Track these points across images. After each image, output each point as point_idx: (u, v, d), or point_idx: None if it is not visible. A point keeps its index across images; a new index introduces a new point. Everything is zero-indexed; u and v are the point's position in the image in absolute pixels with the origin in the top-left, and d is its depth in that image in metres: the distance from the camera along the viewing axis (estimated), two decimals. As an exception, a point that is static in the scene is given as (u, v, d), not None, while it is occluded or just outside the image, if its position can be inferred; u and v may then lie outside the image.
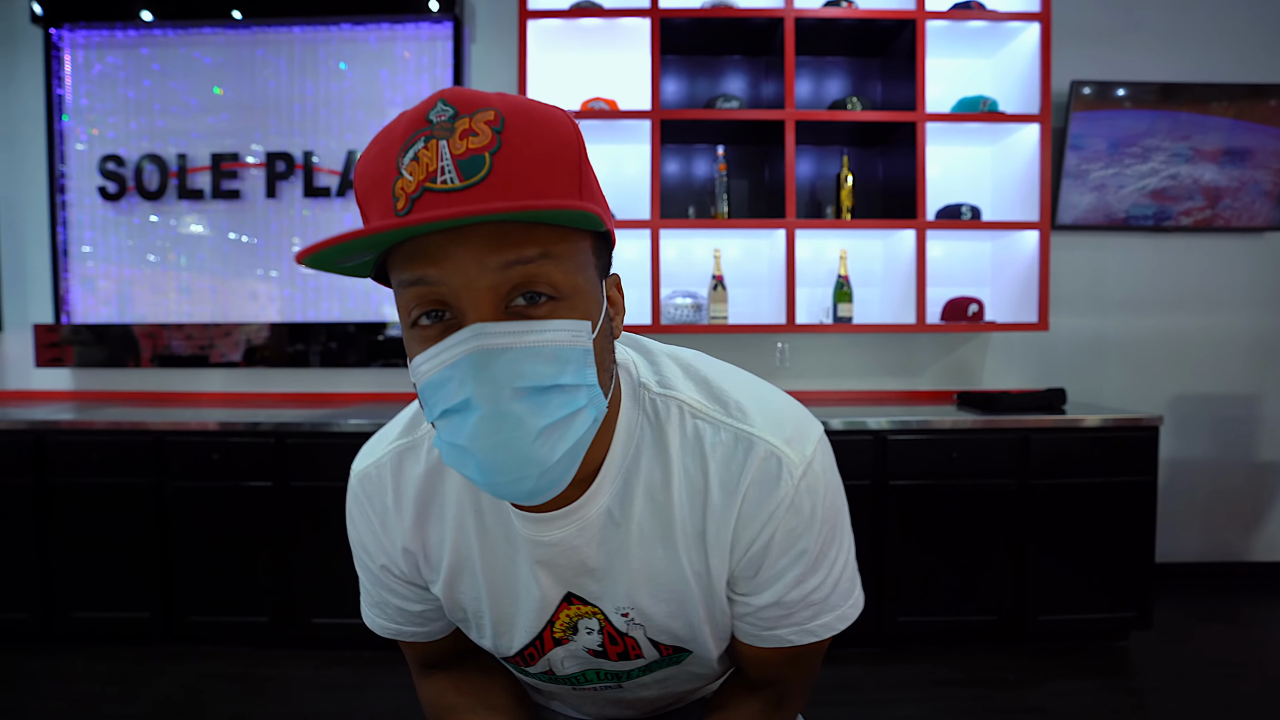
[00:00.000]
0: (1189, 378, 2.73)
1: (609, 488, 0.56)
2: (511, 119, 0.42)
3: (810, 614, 0.57)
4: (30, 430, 2.16)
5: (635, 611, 0.59)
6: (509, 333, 0.42)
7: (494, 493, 0.47)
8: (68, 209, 2.67)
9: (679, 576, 0.57)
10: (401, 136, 0.43)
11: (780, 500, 0.53)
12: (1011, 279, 2.55)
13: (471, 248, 0.41)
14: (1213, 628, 2.35)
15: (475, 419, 0.43)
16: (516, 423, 0.43)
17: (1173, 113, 2.56)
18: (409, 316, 0.45)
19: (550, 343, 0.43)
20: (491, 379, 0.42)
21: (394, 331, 2.62)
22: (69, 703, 1.91)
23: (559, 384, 0.44)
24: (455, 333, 0.43)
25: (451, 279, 0.42)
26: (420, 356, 0.45)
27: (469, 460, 0.45)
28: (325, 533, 2.14)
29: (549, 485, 0.47)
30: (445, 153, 0.41)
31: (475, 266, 0.42)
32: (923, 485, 2.12)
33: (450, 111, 0.42)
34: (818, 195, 2.66)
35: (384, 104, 2.64)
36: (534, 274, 0.43)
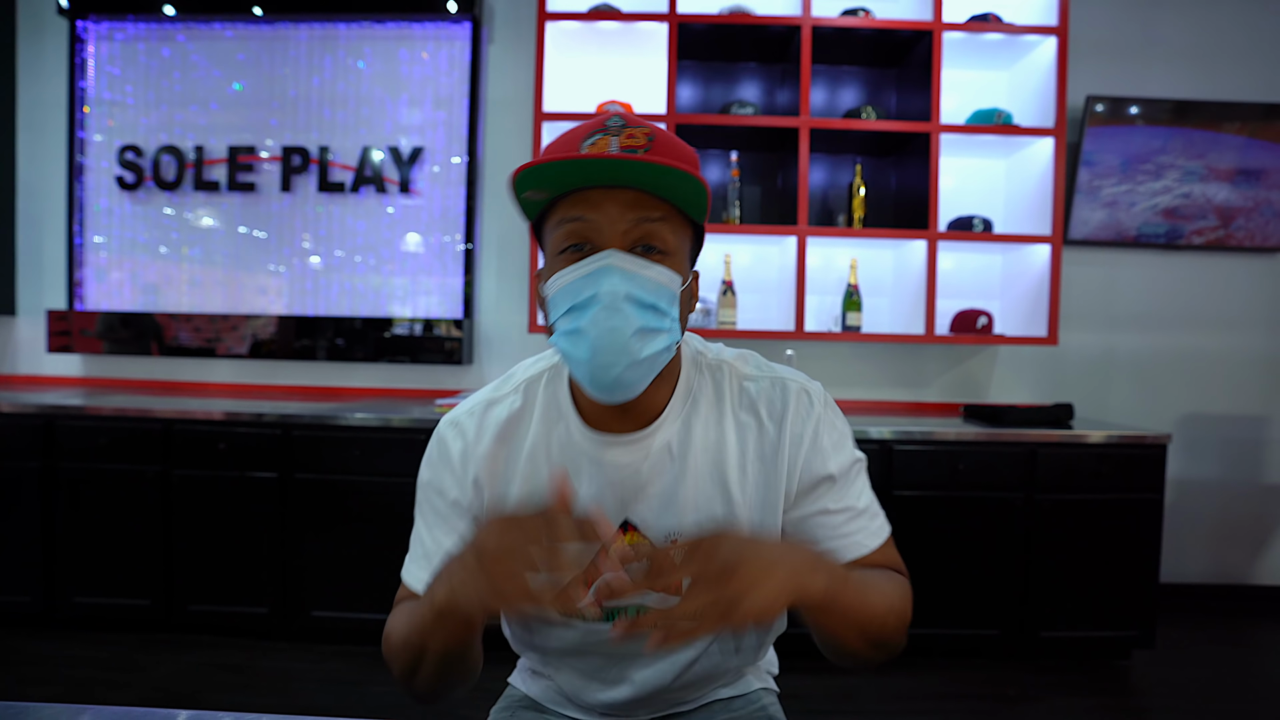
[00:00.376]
0: (1198, 397, 2.71)
1: (670, 426, 0.70)
2: (659, 136, 0.62)
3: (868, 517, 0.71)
4: (40, 414, 2.17)
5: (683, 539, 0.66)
6: (632, 260, 0.61)
7: (591, 376, 0.62)
8: (85, 197, 2.70)
9: (728, 510, 0.69)
10: (585, 131, 0.62)
11: (817, 418, 0.70)
12: (1022, 293, 2.54)
13: (617, 203, 0.60)
14: (1215, 649, 2.33)
15: (597, 309, 0.60)
16: (624, 318, 0.60)
17: (1186, 130, 2.55)
18: (559, 247, 0.62)
19: (654, 277, 0.61)
20: (613, 285, 0.59)
21: (400, 330, 2.62)
22: (68, 688, 1.91)
23: (655, 305, 0.61)
24: (592, 257, 0.60)
25: (600, 219, 0.60)
26: (562, 271, 0.62)
27: (583, 342, 0.61)
28: (329, 526, 2.15)
29: (632, 380, 0.62)
30: (614, 144, 0.60)
31: (618, 214, 0.60)
32: (928, 497, 2.11)
33: (621, 122, 0.62)
34: (830, 203, 2.66)
35: (400, 102, 2.66)
36: (654, 231, 0.61)
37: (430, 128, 2.67)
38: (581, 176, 0.59)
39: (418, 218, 2.68)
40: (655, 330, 0.61)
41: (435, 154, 2.67)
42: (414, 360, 2.62)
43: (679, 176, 0.58)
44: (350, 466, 2.14)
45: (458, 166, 2.66)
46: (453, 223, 2.68)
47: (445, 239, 2.68)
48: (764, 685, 0.87)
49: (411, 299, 2.69)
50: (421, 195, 2.67)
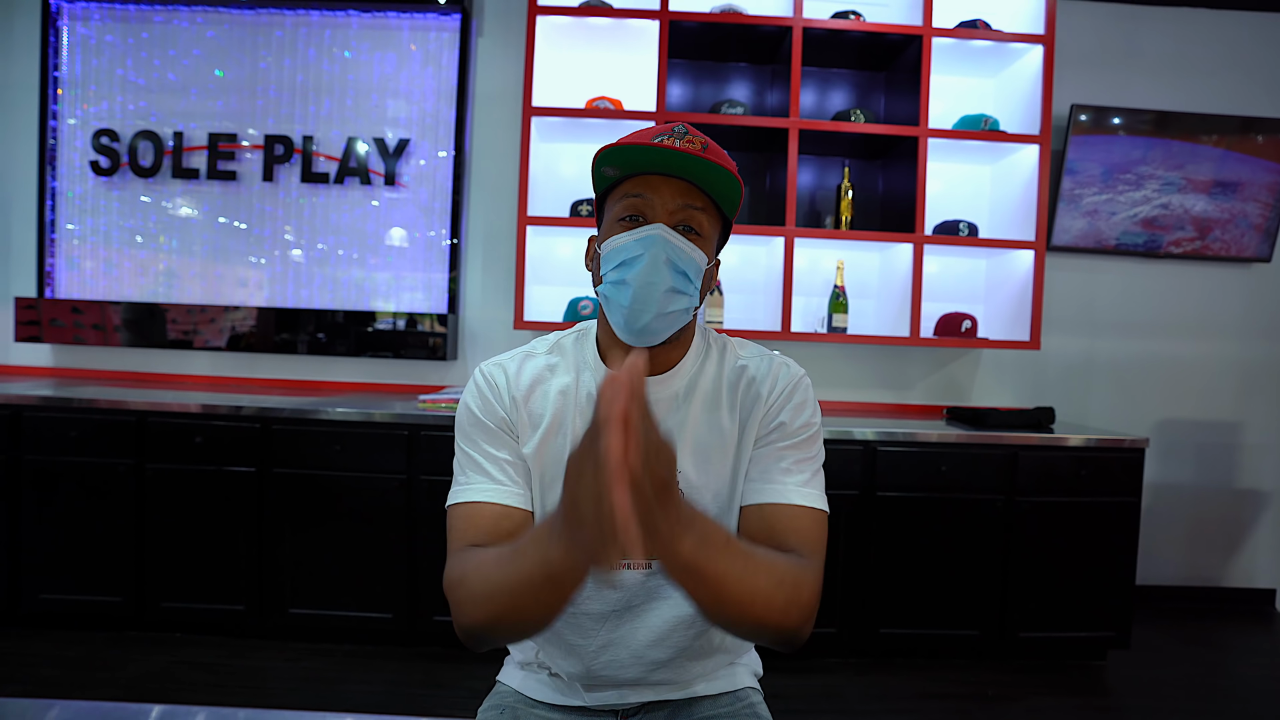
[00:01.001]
0: (1175, 402, 2.77)
1: (682, 378, 0.83)
2: (711, 146, 0.77)
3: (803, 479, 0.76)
4: (6, 405, 2.10)
5: (682, 476, 0.78)
6: (674, 235, 0.75)
7: (626, 319, 0.75)
8: (58, 182, 2.62)
9: (719, 443, 0.80)
10: (655, 131, 0.76)
11: (791, 380, 0.82)
12: (1005, 297, 2.57)
13: (672, 189, 0.74)
14: (1188, 650, 2.37)
15: (642, 265, 0.74)
16: (661, 275, 0.74)
17: (1166, 141, 2.60)
18: (619, 215, 0.76)
19: (688, 250, 0.75)
20: (657, 250, 0.74)
21: (383, 324, 2.58)
22: (34, 687, 1.85)
23: (685, 272, 0.75)
24: (645, 226, 0.75)
25: (655, 200, 0.75)
26: (619, 235, 0.76)
27: (625, 291, 0.75)
28: (308, 521, 2.11)
29: (658, 329, 0.76)
30: (678, 144, 0.74)
31: (670, 198, 0.75)
32: (910, 498, 2.12)
33: (684, 131, 0.76)
34: (818, 205, 2.67)
35: (386, 93, 2.62)
36: (694, 216, 0.76)
37: (417, 120, 2.63)
38: (648, 162, 0.73)
39: (403, 211, 2.64)
40: (681, 292, 0.75)
41: (422, 147, 2.63)
42: (397, 355, 2.59)
43: (723, 175, 0.73)
44: (331, 461, 2.10)
45: (444, 160, 2.63)
46: (438, 217, 2.64)
47: (430, 233, 2.65)
48: (750, 685, 0.90)
49: (395, 293, 2.66)
50: (407, 188, 2.63)
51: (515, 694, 0.87)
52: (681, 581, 0.58)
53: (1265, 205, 2.66)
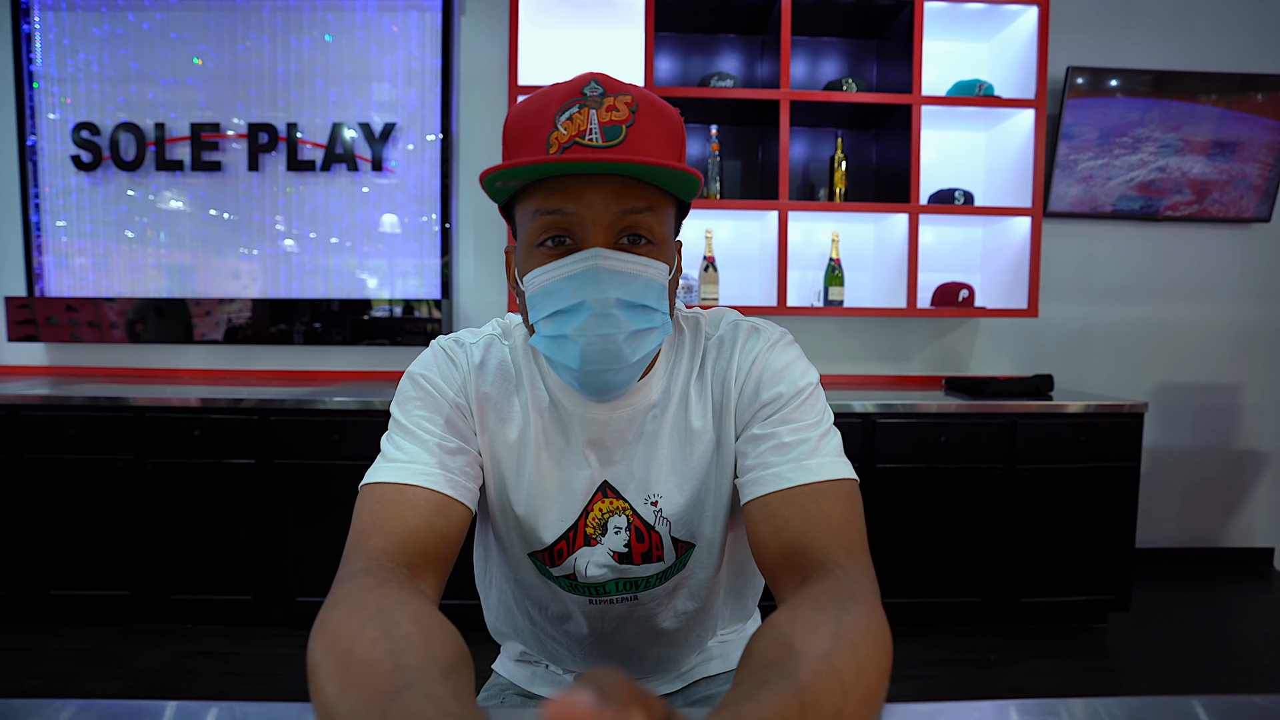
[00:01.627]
0: (1174, 366, 2.77)
1: (655, 387, 0.69)
2: (643, 105, 0.57)
3: (805, 451, 0.61)
4: (3, 405, 2.10)
5: (663, 503, 0.69)
6: (619, 259, 0.56)
7: (581, 381, 0.59)
8: (40, 178, 2.58)
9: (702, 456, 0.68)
10: (559, 100, 0.56)
11: (760, 348, 0.67)
12: (1002, 265, 2.56)
13: (602, 193, 0.55)
14: (1188, 611, 2.40)
15: (586, 316, 0.56)
16: (615, 323, 0.57)
17: (1164, 102, 2.56)
18: (536, 239, 0.58)
19: (643, 271, 0.58)
20: (602, 289, 0.56)
21: (379, 312, 2.57)
22: (48, 680, 1.88)
23: (645, 304, 0.58)
24: (577, 252, 0.56)
25: (583, 213, 0.56)
26: (542, 269, 0.58)
27: (570, 350, 0.58)
28: (310, 511, 2.12)
29: (624, 381, 0.60)
30: (594, 119, 0.55)
31: (602, 207, 0.56)
32: (910, 469, 2.13)
33: (600, 90, 0.56)
34: (811, 177, 2.64)
35: (370, 77, 2.57)
36: (641, 221, 0.57)
37: (402, 103, 2.59)
38: (559, 167, 0.54)
39: (392, 197, 2.61)
40: (647, 330, 0.59)
41: (408, 130, 2.60)
42: (393, 342, 2.58)
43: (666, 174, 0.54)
44: (330, 451, 2.10)
45: (432, 144, 2.59)
46: (429, 202, 2.61)
47: (422, 218, 2.62)
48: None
49: (389, 280, 2.64)
50: (395, 173, 2.60)
51: (511, 685, 0.85)
52: None
53: (1265, 165, 2.63)
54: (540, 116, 0.56)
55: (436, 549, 0.58)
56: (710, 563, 0.73)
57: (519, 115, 0.59)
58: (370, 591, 0.48)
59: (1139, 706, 0.49)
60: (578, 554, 0.70)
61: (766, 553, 0.58)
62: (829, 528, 0.56)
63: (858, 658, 0.42)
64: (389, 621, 0.44)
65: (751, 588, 0.85)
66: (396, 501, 0.58)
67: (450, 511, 0.60)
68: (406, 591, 0.49)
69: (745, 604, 0.85)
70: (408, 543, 0.56)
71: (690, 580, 0.74)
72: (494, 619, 0.86)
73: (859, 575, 0.53)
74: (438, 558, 0.58)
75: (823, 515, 0.57)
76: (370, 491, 0.60)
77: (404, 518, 0.57)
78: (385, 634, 0.42)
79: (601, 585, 0.72)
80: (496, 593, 0.82)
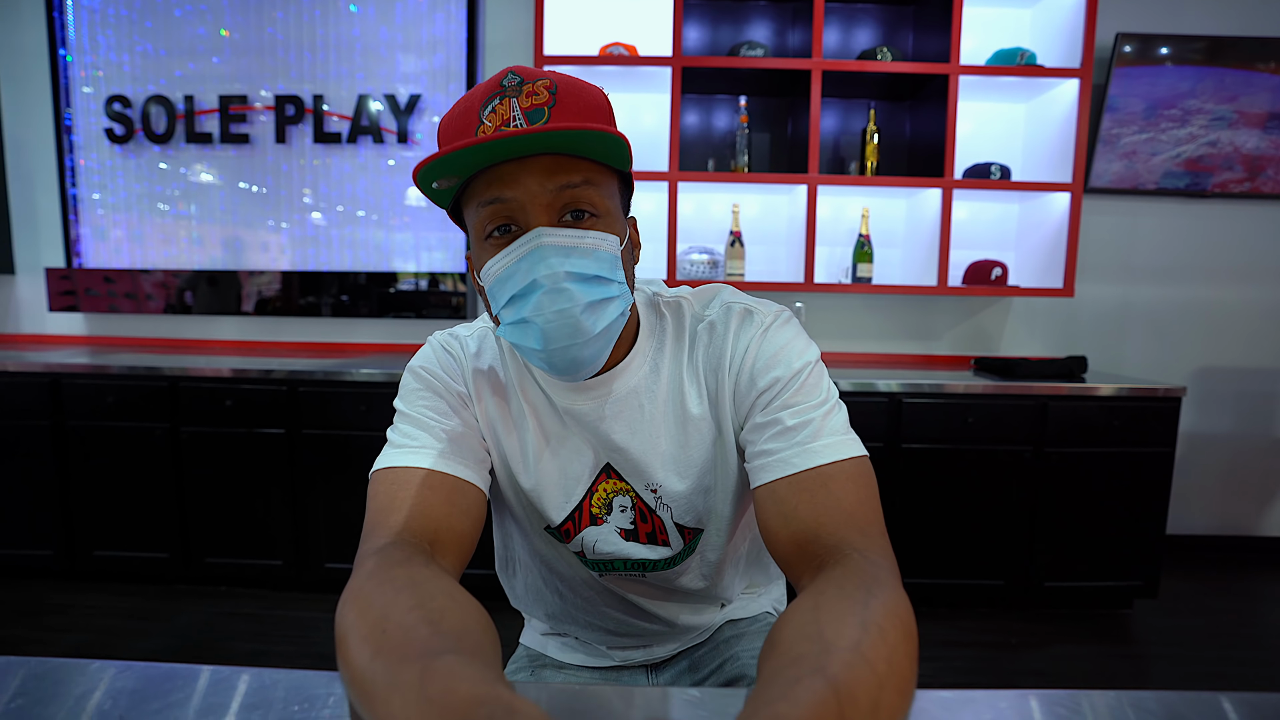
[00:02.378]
0: (1216, 349, 2.67)
1: (637, 372, 0.68)
2: (562, 86, 0.57)
3: (810, 433, 0.59)
4: (47, 373, 2.17)
5: (662, 490, 0.69)
6: (562, 234, 0.57)
7: (549, 361, 0.59)
8: (75, 151, 2.63)
9: (701, 449, 0.68)
10: (481, 97, 0.57)
11: (754, 333, 0.66)
12: (1038, 243, 2.47)
13: (534, 174, 0.56)
14: (1217, 599, 2.35)
15: (539, 295, 0.57)
16: (569, 297, 0.57)
17: (1218, 70, 2.43)
18: (483, 232, 0.59)
19: (591, 245, 0.58)
20: (550, 265, 0.56)
21: (405, 285, 2.59)
22: (94, 636, 1.97)
23: (598, 275, 0.58)
24: (523, 235, 0.57)
25: (520, 196, 0.56)
26: (494, 259, 0.58)
27: (532, 332, 0.58)
28: (336, 480, 2.17)
29: (592, 355, 0.60)
30: (515, 107, 0.56)
31: (538, 186, 0.56)
32: (936, 449, 2.10)
33: (518, 80, 0.57)
34: (841, 151, 2.57)
35: (395, 47, 2.56)
36: (579, 195, 0.58)
37: (427, 74, 2.57)
38: (489, 155, 0.55)
39: (417, 169, 2.61)
40: (604, 300, 0.59)
41: (434, 102, 2.58)
42: (418, 315, 2.60)
43: (590, 136, 0.54)
44: (358, 422, 2.14)
45: (457, 115, 2.57)
46: (453, 174, 2.60)
47: (446, 191, 2.61)
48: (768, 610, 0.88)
49: (415, 253, 2.65)
50: (420, 145, 2.60)
51: (540, 655, 0.86)
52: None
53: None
54: (466, 116, 0.57)
55: (459, 526, 0.59)
56: (720, 544, 0.74)
57: (447, 121, 0.59)
58: (400, 565, 0.48)
59: (1164, 701, 0.48)
60: (584, 533, 0.72)
61: (778, 541, 0.58)
62: (840, 512, 0.55)
63: (889, 645, 0.41)
64: (424, 593, 0.44)
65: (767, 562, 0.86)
66: (411, 483, 0.59)
67: (466, 491, 0.61)
68: (434, 568, 0.50)
69: (767, 568, 0.86)
70: (427, 521, 0.57)
71: (700, 561, 0.75)
72: (520, 602, 0.87)
73: (877, 558, 0.52)
74: (461, 537, 0.59)
75: (832, 499, 0.56)
76: (383, 476, 0.61)
77: (421, 497, 0.58)
78: (420, 604, 0.43)
79: (609, 562, 0.73)
80: (523, 576, 0.83)
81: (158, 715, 0.43)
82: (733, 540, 0.75)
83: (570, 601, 0.80)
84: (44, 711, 0.43)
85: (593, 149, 0.56)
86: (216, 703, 0.44)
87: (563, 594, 0.80)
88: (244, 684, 0.47)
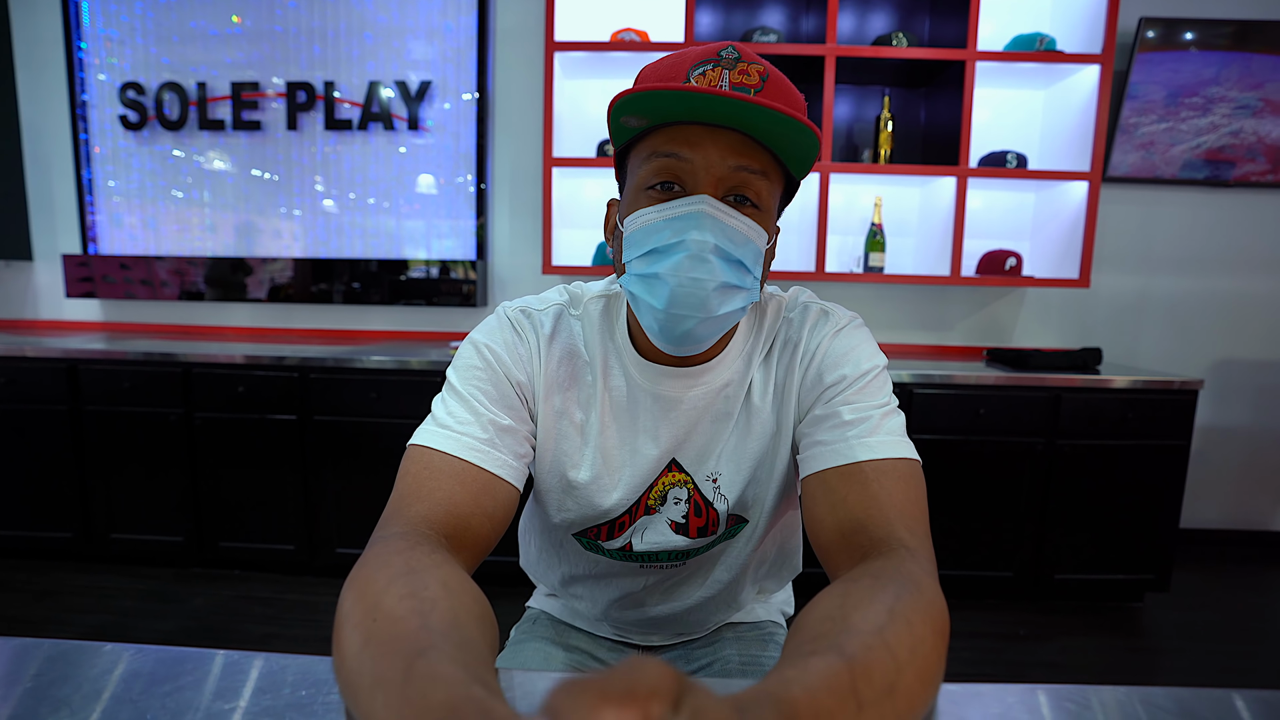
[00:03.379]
0: (1236, 342, 2.62)
1: (732, 365, 0.68)
2: (773, 76, 0.57)
3: (866, 429, 0.60)
4: (65, 359, 2.20)
5: (721, 479, 0.70)
6: (725, 211, 0.57)
7: (663, 325, 0.59)
8: (90, 138, 2.65)
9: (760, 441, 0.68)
10: (695, 58, 0.57)
11: (826, 332, 0.67)
12: (1054, 233, 2.44)
13: (719, 145, 0.56)
14: (1229, 594, 2.33)
15: (682, 256, 0.56)
16: (709, 270, 0.56)
17: (1245, 56, 2.37)
18: (646, 182, 0.59)
19: (745, 230, 0.58)
20: (703, 234, 0.56)
21: (416, 272, 2.60)
22: (112, 617, 2.01)
23: (741, 261, 0.58)
24: (686, 197, 0.57)
25: (697, 161, 0.56)
26: (648, 209, 0.58)
27: (660, 289, 0.57)
28: (348, 467, 2.19)
29: (705, 335, 0.60)
30: (725, 79, 0.56)
31: (718, 157, 0.56)
32: (946, 440, 2.09)
33: (735, 55, 0.57)
34: (855, 138, 2.54)
35: (406, 33, 2.55)
36: (750, 181, 0.57)
37: (438, 61, 2.56)
38: (687, 110, 0.54)
39: (429, 157, 2.61)
40: (737, 288, 0.59)
41: (445, 88, 2.57)
42: (429, 303, 2.61)
43: (793, 126, 0.53)
44: (368, 409, 2.16)
45: (468, 102, 2.57)
46: (464, 161, 2.60)
47: (458, 179, 2.61)
48: (773, 619, 0.89)
49: (426, 241, 2.66)
50: (431, 133, 2.59)
51: (544, 614, 0.89)
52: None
53: (1353, 125, 2.42)
54: (674, 70, 0.57)
55: (480, 527, 0.58)
56: (754, 539, 0.74)
57: (651, 70, 0.59)
58: (401, 553, 0.48)
59: (1175, 697, 0.48)
60: (637, 524, 0.71)
61: (823, 529, 0.57)
62: (890, 505, 0.55)
63: (913, 636, 0.40)
64: (417, 582, 0.44)
65: (787, 569, 0.86)
66: (444, 471, 0.58)
67: (497, 491, 0.60)
68: (438, 556, 0.49)
69: (779, 580, 0.87)
70: (450, 514, 0.56)
71: (731, 551, 0.76)
72: (530, 566, 0.89)
73: (921, 556, 0.52)
74: (480, 537, 0.58)
75: (884, 492, 0.56)
76: (418, 454, 0.59)
77: (449, 490, 0.57)
78: (413, 593, 0.42)
79: (654, 554, 0.73)
80: (536, 549, 0.85)
81: (169, 698, 0.43)
82: (765, 539, 0.75)
83: (572, 590, 0.82)
84: (58, 693, 0.44)
85: (782, 143, 0.56)
86: (226, 686, 0.45)
87: (567, 580, 0.81)
88: (256, 669, 0.47)
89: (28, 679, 0.45)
